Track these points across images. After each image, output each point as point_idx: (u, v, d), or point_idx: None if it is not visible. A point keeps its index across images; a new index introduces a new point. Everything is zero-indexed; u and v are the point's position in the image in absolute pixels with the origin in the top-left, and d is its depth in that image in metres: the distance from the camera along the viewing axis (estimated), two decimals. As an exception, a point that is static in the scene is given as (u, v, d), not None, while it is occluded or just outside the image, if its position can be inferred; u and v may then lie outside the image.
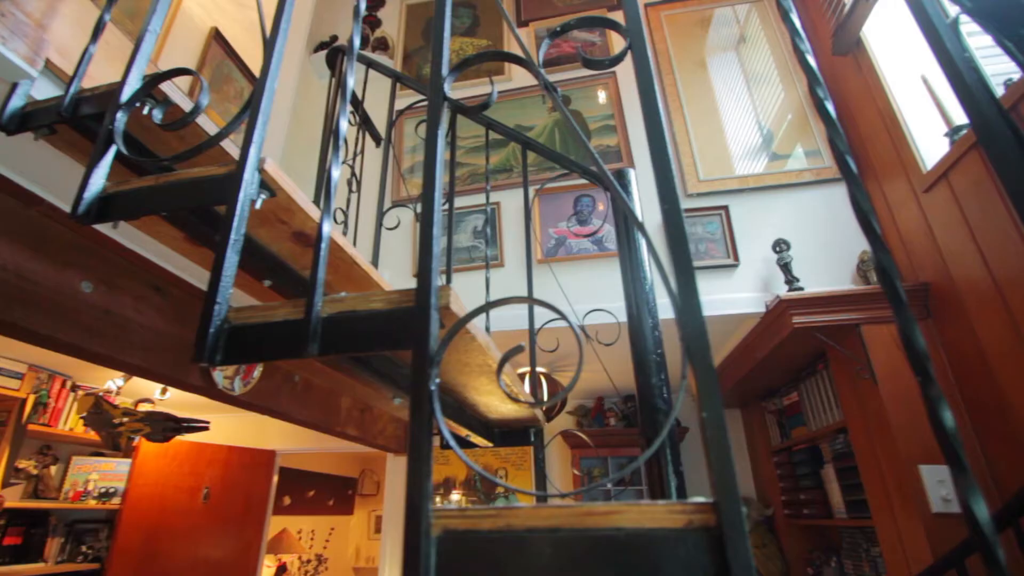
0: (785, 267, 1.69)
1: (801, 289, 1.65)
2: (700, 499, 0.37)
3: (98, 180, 0.69)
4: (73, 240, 1.27)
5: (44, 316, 1.19)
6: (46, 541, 2.68)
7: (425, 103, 0.80)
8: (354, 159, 1.56)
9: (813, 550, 2.22)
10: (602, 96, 2.48)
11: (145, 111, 0.76)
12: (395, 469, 3.44)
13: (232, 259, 0.58)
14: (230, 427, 3.74)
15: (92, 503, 2.82)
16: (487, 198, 1.34)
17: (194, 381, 1.61)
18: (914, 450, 1.50)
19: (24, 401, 2.46)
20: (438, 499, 3.28)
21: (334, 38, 3.14)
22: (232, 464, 3.35)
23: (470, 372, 0.79)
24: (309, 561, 5.20)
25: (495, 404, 1.02)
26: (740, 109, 2.23)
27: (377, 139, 1.82)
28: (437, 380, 0.47)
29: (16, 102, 0.83)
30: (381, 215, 1.49)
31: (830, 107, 0.50)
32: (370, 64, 1.57)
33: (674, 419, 0.53)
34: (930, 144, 1.74)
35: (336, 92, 1.57)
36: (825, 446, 1.95)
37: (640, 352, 1.06)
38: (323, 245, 0.59)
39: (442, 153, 0.55)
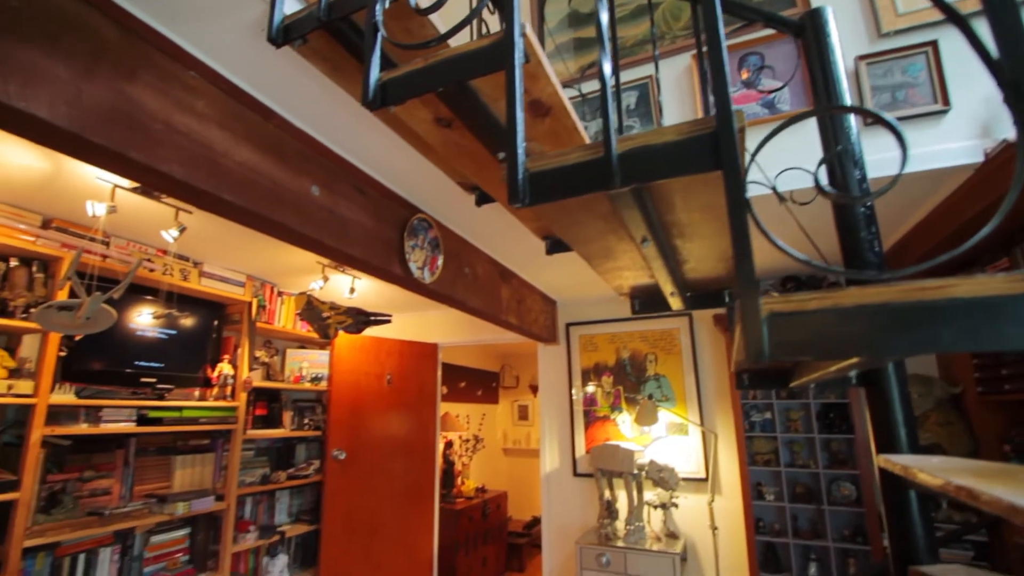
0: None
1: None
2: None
3: (375, 70, 0.79)
4: (301, 149, 1.47)
5: (293, 215, 1.42)
6: (282, 413, 3.37)
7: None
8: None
9: (1013, 427, 2.08)
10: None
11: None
12: (546, 357, 3.71)
13: (520, 115, 0.65)
14: (399, 325, 4.25)
15: (307, 385, 3.44)
16: (655, 63, 1.29)
17: (396, 271, 1.85)
18: None
19: (250, 304, 3.00)
20: (590, 386, 3.52)
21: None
22: (405, 355, 3.85)
23: (716, 216, 0.81)
24: (468, 440, 5.94)
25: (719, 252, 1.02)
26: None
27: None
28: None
29: (279, 17, 0.95)
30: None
31: None
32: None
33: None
34: None
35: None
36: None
37: (844, 207, 1.02)
38: (608, 86, 0.64)
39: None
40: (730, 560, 2.97)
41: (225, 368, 2.88)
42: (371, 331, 3.86)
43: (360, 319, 2.71)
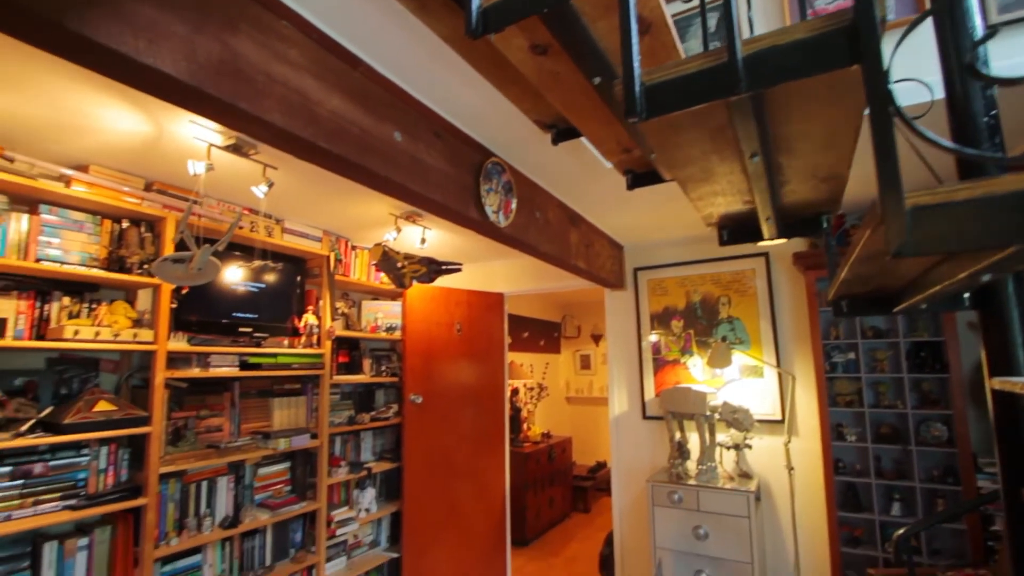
0: None
1: None
2: None
3: (475, -3, 0.79)
4: (384, 96, 1.51)
5: (379, 161, 1.47)
6: (362, 361, 3.59)
7: None
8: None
9: None
10: None
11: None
12: (613, 303, 3.71)
13: (634, 27, 0.64)
14: (465, 276, 4.36)
15: (383, 335, 3.62)
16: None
17: (472, 215, 1.89)
18: None
19: (328, 258, 3.16)
20: (657, 333, 3.51)
21: None
22: (473, 304, 3.96)
23: (829, 127, 0.78)
24: (532, 389, 6.11)
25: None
26: None
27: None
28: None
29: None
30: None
31: None
32: None
33: None
34: None
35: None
36: None
37: (965, 119, 0.94)
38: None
39: None
40: (806, 499, 2.96)
41: (310, 319, 3.07)
42: (440, 282, 3.97)
43: (432, 268, 2.80)
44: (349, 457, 3.44)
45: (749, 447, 3.01)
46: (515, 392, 5.65)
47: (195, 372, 2.45)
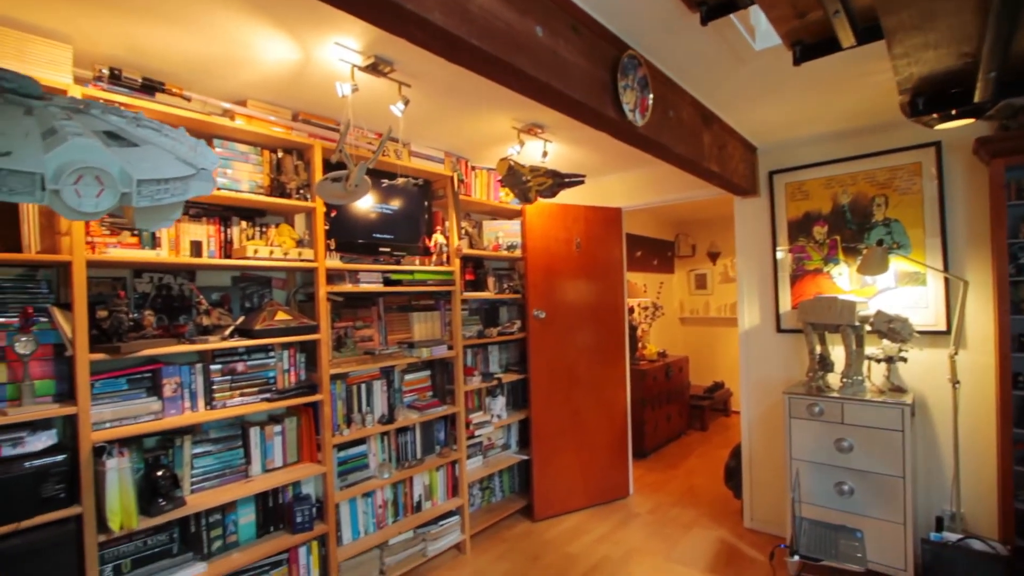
0: None
1: None
2: None
3: None
4: (524, -14, 1.45)
5: (526, 58, 1.44)
6: (486, 279, 3.75)
7: None
8: None
9: None
10: None
11: None
12: (744, 211, 3.47)
13: None
14: (581, 191, 4.29)
15: (504, 253, 3.73)
16: None
17: (609, 114, 1.81)
18: None
19: (452, 178, 3.25)
20: (781, 251, 3.24)
21: None
22: (591, 220, 3.91)
23: None
24: (647, 308, 6.04)
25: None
26: None
27: None
28: None
29: None
30: None
31: None
32: None
33: None
34: None
35: None
36: None
37: None
38: None
39: None
40: (973, 416, 2.71)
41: (439, 238, 3.22)
42: (558, 198, 3.96)
43: (557, 180, 2.78)
44: (480, 368, 3.69)
45: (903, 360, 2.77)
46: (630, 311, 5.62)
47: (348, 287, 2.71)
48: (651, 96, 1.97)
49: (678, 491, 4.17)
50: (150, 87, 2.03)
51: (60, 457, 1.75)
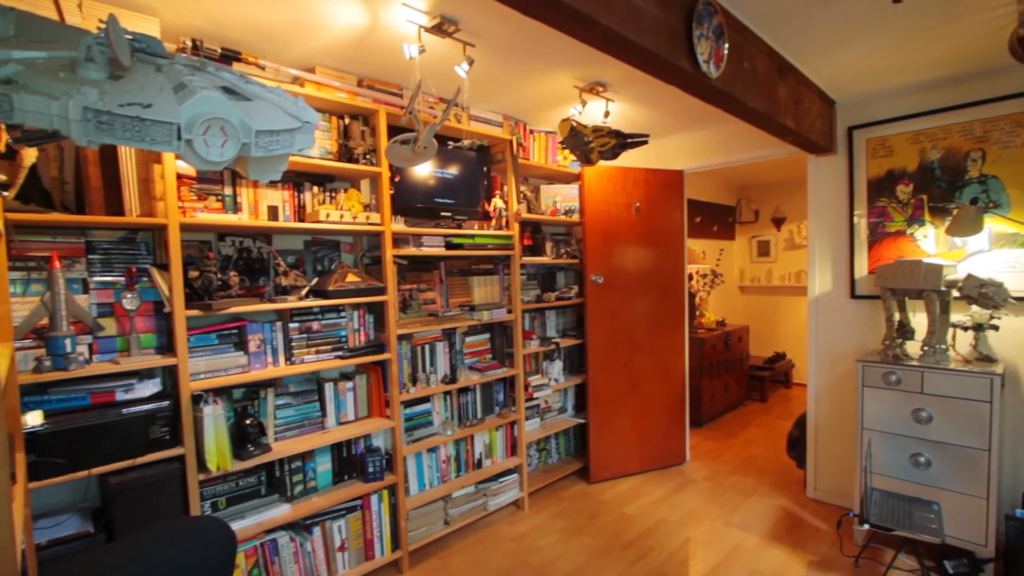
0: None
1: None
2: None
3: None
4: (599, -70, 1.39)
5: (600, 7, 1.40)
6: (544, 244, 3.75)
7: None
8: None
9: None
10: None
11: None
12: (818, 170, 3.28)
13: None
14: (640, 153, 4.17)
15: (562, 217, 3.70)
16: None
17: (683, 65, 1.74)
18: None
19: (511, 142, 3.23)
20: (863, 210, 3.04)
21: None
22: (651, 183, 3.80)
23: None
24: (706, 276, 5.87)
25: None
26: None
27: None
28: None
29: None
30: None
31: None
32: None
33: None
34: None
35: None
36: None
37: None
38: None
39: None
40: (1072, 388, 2.51)
41: (498, 202, 3.23)
42: (618, 160, 3.87)
43: (620, 140, 2.71)
44: (537, 332, 3.73)
45: (995, 328, 2.58)
46: (689, 277, 5.49)
47: (412, 251, 2.78)
48: (727, 46, 1.87)
49: (736, 460, 4.12)
50: (228, 57, 2.12)
51: (165, 403, 1.93)
